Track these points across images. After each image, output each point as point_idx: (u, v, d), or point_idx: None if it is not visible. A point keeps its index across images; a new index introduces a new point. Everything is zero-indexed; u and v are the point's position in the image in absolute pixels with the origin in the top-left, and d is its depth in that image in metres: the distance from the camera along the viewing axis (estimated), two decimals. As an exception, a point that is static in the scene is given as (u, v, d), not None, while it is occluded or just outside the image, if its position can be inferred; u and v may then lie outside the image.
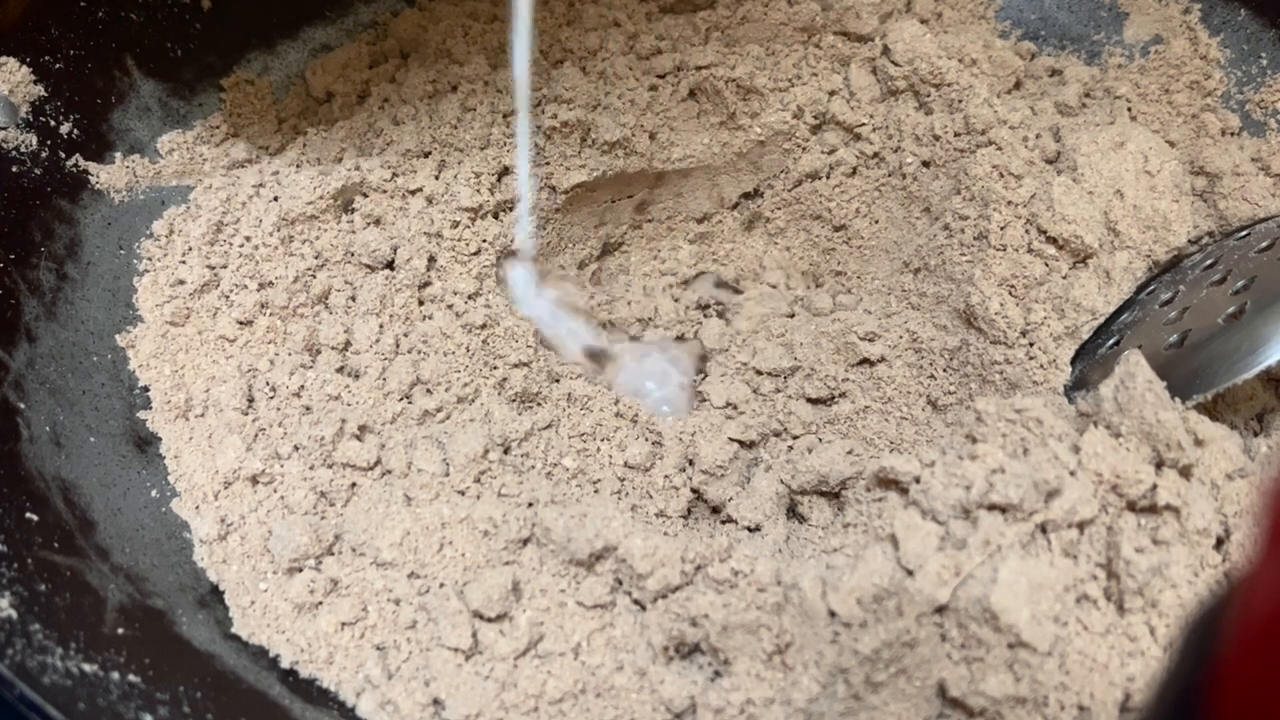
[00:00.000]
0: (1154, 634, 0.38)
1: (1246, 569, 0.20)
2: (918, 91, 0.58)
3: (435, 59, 0.59)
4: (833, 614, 0.38)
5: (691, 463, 0.51)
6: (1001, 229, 0.52)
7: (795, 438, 0.54)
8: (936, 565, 0.37)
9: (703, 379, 0.57)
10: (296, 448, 0.47)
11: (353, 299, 0.52)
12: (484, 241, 0.55)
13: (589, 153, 0.57)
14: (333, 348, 0.50)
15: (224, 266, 0.53)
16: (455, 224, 0.54)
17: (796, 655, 0.39)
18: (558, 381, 0.54)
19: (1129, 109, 0.59)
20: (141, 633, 0.41)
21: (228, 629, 0.43)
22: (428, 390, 0.50)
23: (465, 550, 0.44)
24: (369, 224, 0.54)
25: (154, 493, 0.47)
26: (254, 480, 0.47)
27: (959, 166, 0.56)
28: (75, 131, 0.54)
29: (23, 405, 0.46)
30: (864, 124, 0.60)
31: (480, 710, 0.40)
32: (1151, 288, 0.52)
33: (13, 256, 0.49)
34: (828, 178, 0.61)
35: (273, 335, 0.51)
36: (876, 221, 0.61)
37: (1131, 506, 0.39)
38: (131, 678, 0.38)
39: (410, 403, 0.49)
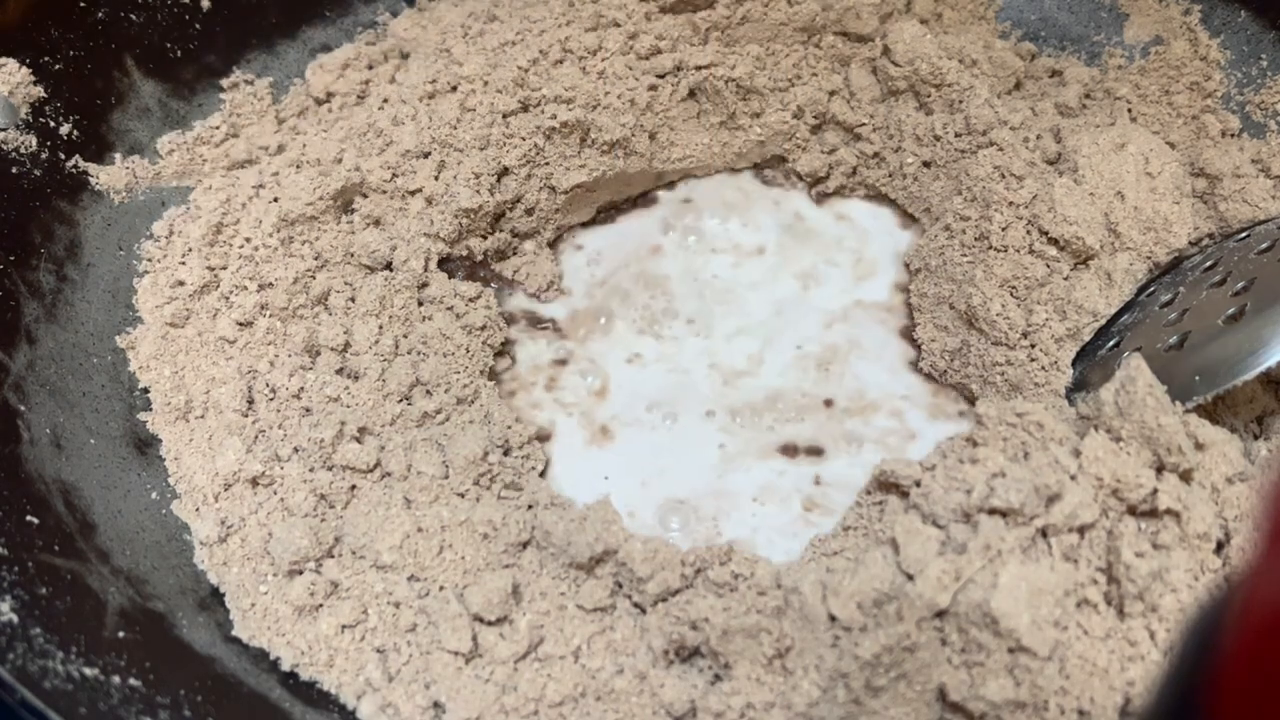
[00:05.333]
0: (1154, 638, 0.38)
1: (1246, 572, 0.20)
2: (918, 92, 0.58)
3: (435, 59, 0.59)
4: (833, 618, 0.38)
5: None
6: (1003, 230, 0.52)
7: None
8: (937, 569, 0.37)
9: None
10: (296, 450, 0.47)
11: (352, 300, 0.52)
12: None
13: (589, 153, 0.57)
14: (332, 349, 0.50)
15: (224, 268, 0.53)
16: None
17: (797, 659, 0.39)
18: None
19: (1129, 110, 0.60)
20: (142, 636, 0.41)
21: (228, 632, 0.43)
22: (427, 391, 0.50)
23: (465, 553, 0.44)
24: (368, 225, 0.54)
25: (154, 495, 0.47)
26: (254, 482, 0.47)
27: (960, 167, 0.56)
28: (75, 132, 0.54)
29: (23, 408, 0.46)
30: (864, 124, 0.60)
31: (480, 713, 0.40)
32: (1151, 289, 0.52)
33: (12, 258, 0.49)
34: (827, 178, 0.61)
35: (272, 337, 0.51)
36: (877, 222, 0.61)
37: (1132, 511, 0.40)
38: (132, 681, 0.38)
39: (410, 404, 0.49)
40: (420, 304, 0.53)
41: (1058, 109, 0.60)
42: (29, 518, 0.42)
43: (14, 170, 0.51)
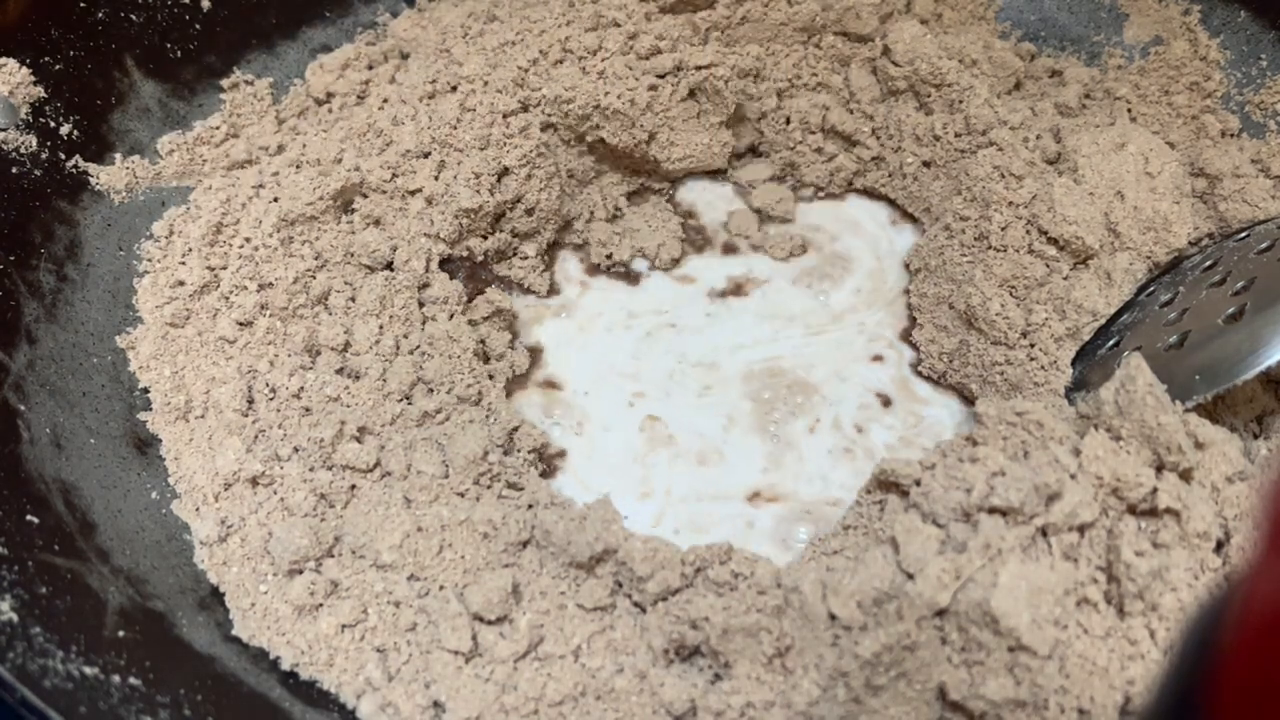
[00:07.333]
0: (1154, 637, 0.38)
1: (1246, 571, 0.20)
2: (918, 92, 0.58)
3: (435, 59, 0.59)
4: (833, 617, 0.38)
5: None
6: (1002, 230, 0.52)
7: None
8: (937, 568, 0.37)
9: None
10: (296, 449, 0.47)
11: (352, 300, 0.52)
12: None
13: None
14: (332, 349, 0.50)
15: (224, 268, 0.53)
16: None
17: (797, 658, 0.39)
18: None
19: (1129, 110, 0.60)
20: (142, 635, 0.41)
21: (228, 631, 0.43)
22: (429, 390, 0.50)
23: (465, 553, 0.44)
24: (368, 225, 0.54)
25: (154, 494, 0.47)
26: (254, 482, 0.47)
27: (960, 167, 0.56)
28: (75, 133, 0.54)
29: (23, 407, 0.46)
30: (862, 130, 0.60)
31: (480, 713, 0.40)
32: (1151, 289, 0.52)
33: (13, 258, 0.49)
34: (828, 184, 0.61)
35: (272, 336, 0.50)
36: (877, 222, 0.61)
37: (1132, 510, 0.40)
38: (132, 681, 0.38)
39: (410, 404, 0.49)
40: (421, 304, 0.53)
41: (1058, 109, 0.60)
42: (29, 517, 0.42)
43: (14, 170, 0.51)
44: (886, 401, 0.54)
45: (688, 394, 0.54)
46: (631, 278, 0.59)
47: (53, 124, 0.53)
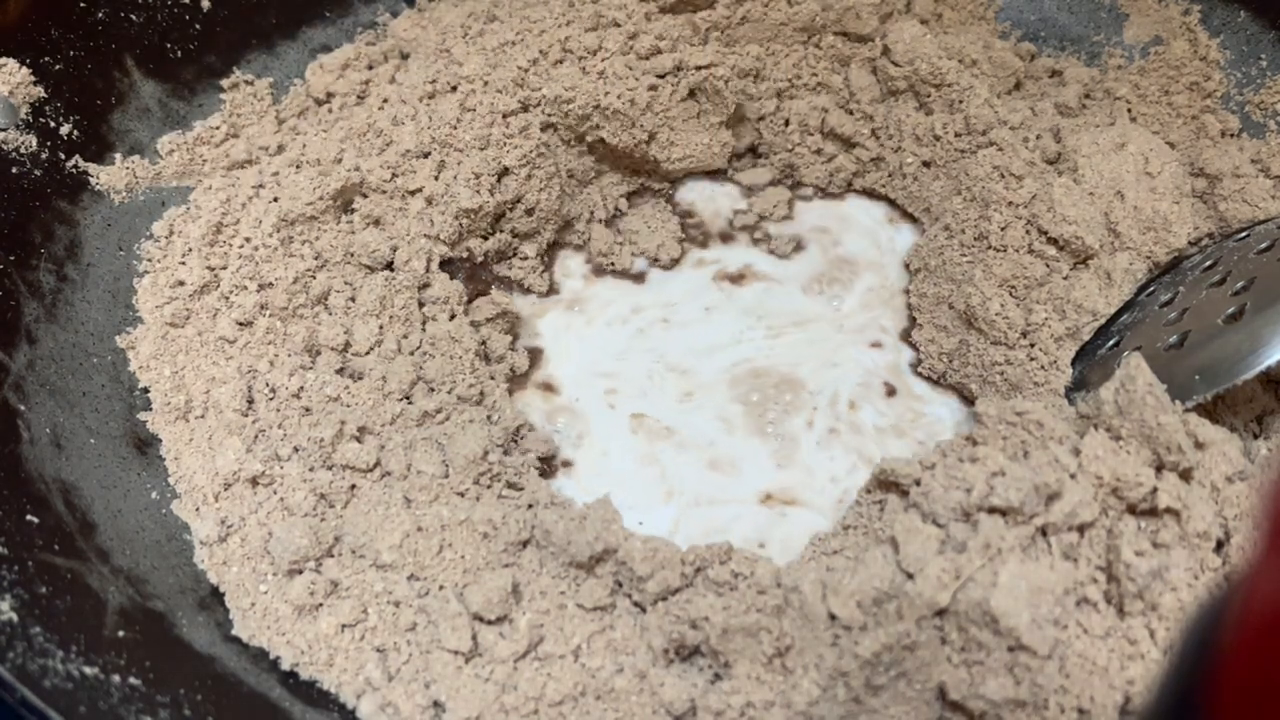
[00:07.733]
0: (1154, 637, 0.38)
1: (1246, 570, 0.20)
2: (918, 92, 0.58)
3: (435, 59, 0.59)
4: (833, 617, 0.38)
5: None
6: (1002, 230, 0.52)
7: None
8: (937, 568, 0.37)
9: None
10: (296, 449, 0.47)
11: (352, 300, 0.52)
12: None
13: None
14: (332, 349, 0.50)
15: (224, 268, 0.53)
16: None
17: (797, 658, 0.39)
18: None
19: (1129, 110, 0.60)
20: (142, 635, 0.41)
21: (228, 631, 0.43)
22: (430, 389, 0.50)
23: (465, 552, 0.44)
24: (368, 225, 0.54)
25: (154, 494, 0.47)
26: (254, 482, 0.47)
27: (959, 167, 0.56)
28: (75, 133, 0.54)
29: (23, 407, 0.46)
30: (862, 133, 0.60)
31: (480, 713, 0.40)
32: (1151, 289, 0.52)
33: (13, 258, 0.49)
34: (828, 185, 0.61)
35: (272, 336, 0.51)
36: (876, 222, 0.61)
37: (1132, 509, 0.40)
38: (132, 680, 0.38)
39: (410, 404, 0.49)
40: (422, 305, 0.53)
41: (1058, 109, 0.60)
42: (29, 517, 0.42)
43: (14, 170, 0.51)
44: (891, 391, 0.54)
45: (668, 398, 0.54)
46: (636, 277, 0.59)
47: (53, 124, 0.53)
